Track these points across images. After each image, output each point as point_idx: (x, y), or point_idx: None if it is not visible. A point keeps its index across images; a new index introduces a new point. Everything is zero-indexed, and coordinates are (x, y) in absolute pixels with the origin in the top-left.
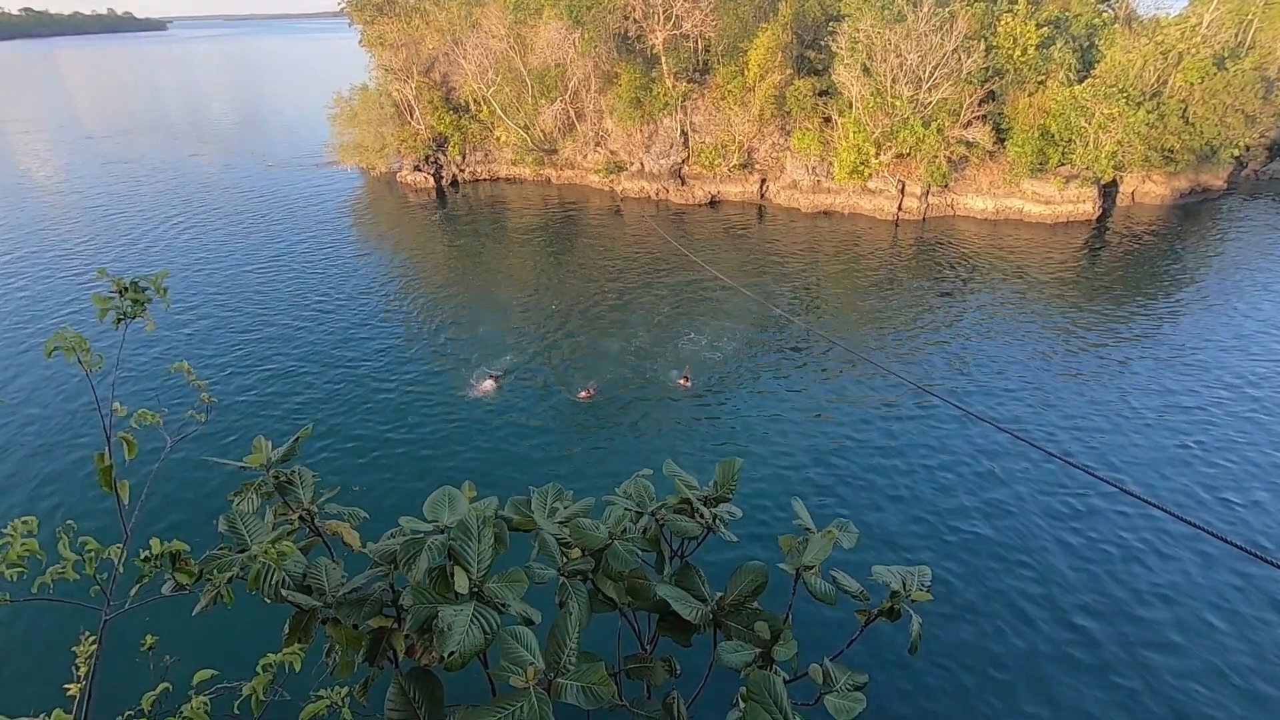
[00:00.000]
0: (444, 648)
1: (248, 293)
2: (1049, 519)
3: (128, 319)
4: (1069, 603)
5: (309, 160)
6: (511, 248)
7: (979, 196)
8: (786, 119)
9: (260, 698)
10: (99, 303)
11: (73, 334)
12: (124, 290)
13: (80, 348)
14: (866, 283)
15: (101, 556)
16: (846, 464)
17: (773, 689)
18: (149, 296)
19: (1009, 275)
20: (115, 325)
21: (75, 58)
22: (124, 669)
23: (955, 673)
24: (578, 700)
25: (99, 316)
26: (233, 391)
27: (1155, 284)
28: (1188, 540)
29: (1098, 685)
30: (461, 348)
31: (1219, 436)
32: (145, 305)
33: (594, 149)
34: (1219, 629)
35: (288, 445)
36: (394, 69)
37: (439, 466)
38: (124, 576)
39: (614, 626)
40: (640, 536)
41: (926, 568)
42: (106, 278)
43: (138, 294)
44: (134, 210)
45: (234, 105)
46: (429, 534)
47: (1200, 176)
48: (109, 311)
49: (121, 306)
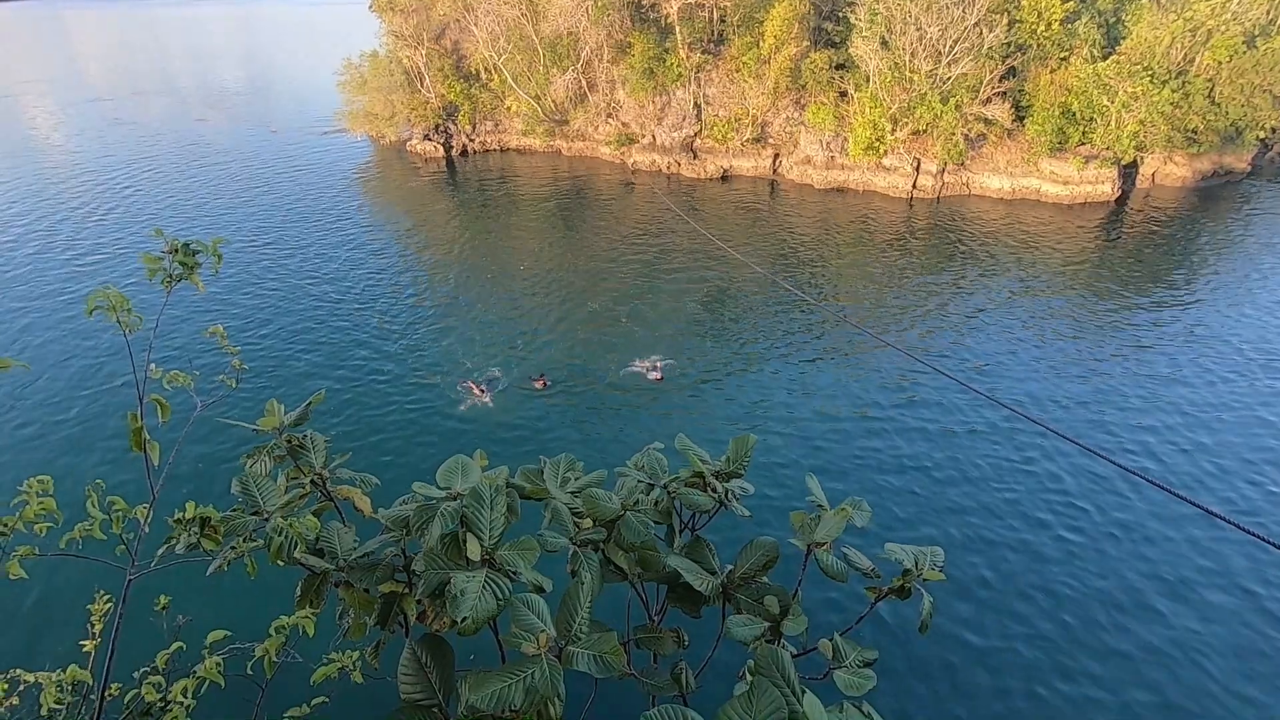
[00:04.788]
0: (456, 613)
1: (265, 262)
2: (1062, 504)
3: (174, 281)
4: (1087, 585)
5: (318, 127)
6: (520, 222)
7: (996, 175)
8: (801, 93)
9: (273, 659)
10: (149, 262)
11: (115, 293)
12: (176, 251)
13: (121, 307)
14: (881, 261)
15: (128, 516)
16: (861, 443)
17: (781, 663)
18: (198, 261)
19: (1025, 256)
20: (165, 286)
21: (83, 19)
22: (136, 628)
23: (969, 651)
24: (589, 668)
25: (148, 276)
26: (252, 358)
27: (1175, 268)
28: (1191, 521)
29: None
30: (463, 332)
31: (1237, 418)
32: (194, 269)
33: (605, 120)
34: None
35: (300, 410)
36: (404, 35)
37: (441, 438)
38: (148, 537)
39: (623, 597)
40: (652, 509)
41: (939, 548)
42: (162, 238)
43: (187, 256)
44: (139, 175)
45: (243, 70)
46: (442, 500)
47: (1223, 158)
48: (157, 273)
49: (170, 269)
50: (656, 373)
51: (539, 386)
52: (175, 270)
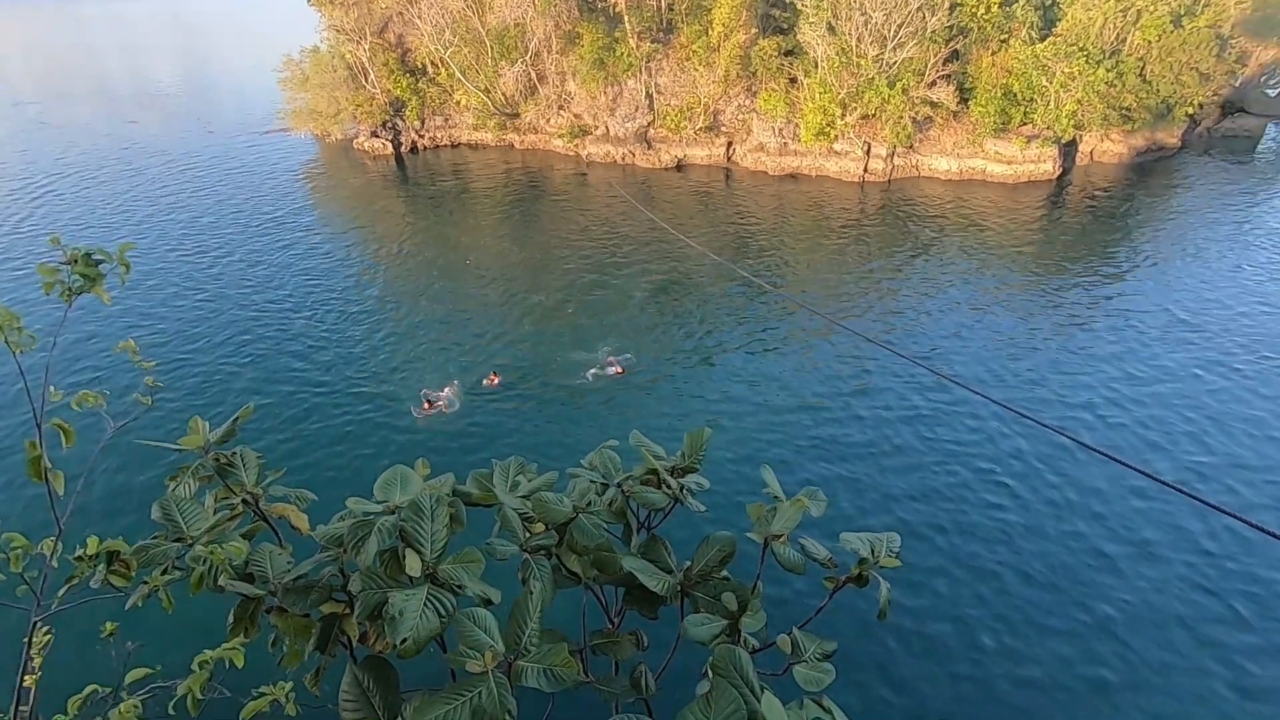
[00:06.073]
0: (395, 636)
1: (191, 270)
2: (1017, 478)
3: (75, 294)
4: (1032, 564)
5: (259, 127)
6: (472, 219)
7: (943, 157)
8: (752, 80)
9: (198, 696)
10: (44, 274)
11: (1, 309)
12: (74, 261)
13: (9, 325)
14: (834, 246)
15: (31, 553)
16: (818, 431)
17: (738, 663)
18: (101, 272)
19: (973, 236)
20: (65, 299)
21: (3, 17)
22: (84, 657)
23: (928, 635)
24: (539, 683)
25: (44, 290)
26: (178, 374)
27: (1115, 241)
28: (1146, 491)
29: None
30: (409, 336)
31: (1178, 386)
32: (97, 280)
33: (557, 113)
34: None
35: (226, 426)
36: (345, 29)
37: (394, 444)
38: (60, 572)
39: (581, 602)
40: (606, 509)
41: (895, 534)
42: (59, 247)
43: (89, 267)
44: (67, 181)
45: (177, 68)
46: (379, 515)
47: (1156, 135)
48: (54, 285)
49: (69, 281)
50: (616, 367)
51: (492, 384)
52: (75, 282)
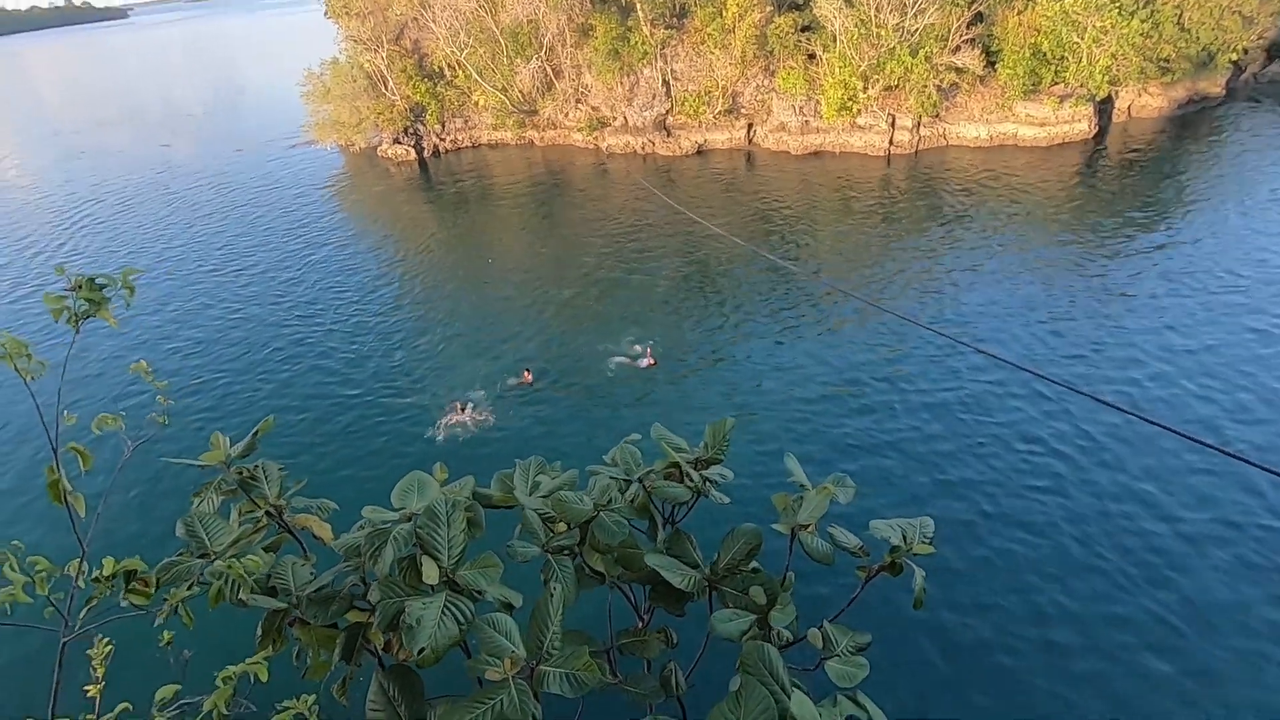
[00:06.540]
0: (413, 645)
1: (226, 287)
2: (1062, 457)
3: (82, 319)
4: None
5: (285, 141)
6: (496, 218)
7: (971, 124)
8: (770, 59)
9: (222, 711)
10: (50, 302)
11: (9, 338)
12: (79, 287)
13: (19, 353)
14: (861, 223)
15: (56, 575)
16: (851, 415)
17: (768, 660)
18: (105, 296)
19: (1006, 202)
20: (73, 325)
21: (37, 54)
22: (144, 666)
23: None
24: (561, 689)
25: (54, 317)
26: (215, 390)
27: (1154, 200)
28: (1172, 452)
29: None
30: (438, 342)
31: (1226, 354)
32: (102, 304)
33: (575, 106)
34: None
35: (247, 440)
36: (362, 39)
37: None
38: (86, 593)
39: (608, 601)
40: (629, 506)
41: (929, 519)
42: (64, 275)
43: (93, 292)
44: (104, 207)
45: (204, 90)
46: (395, 523)
47: (1198, 85)
48: (62, 312)
49: (75, 307)
50: (648, 358)
51: (525, 381)
52: (80, 308)
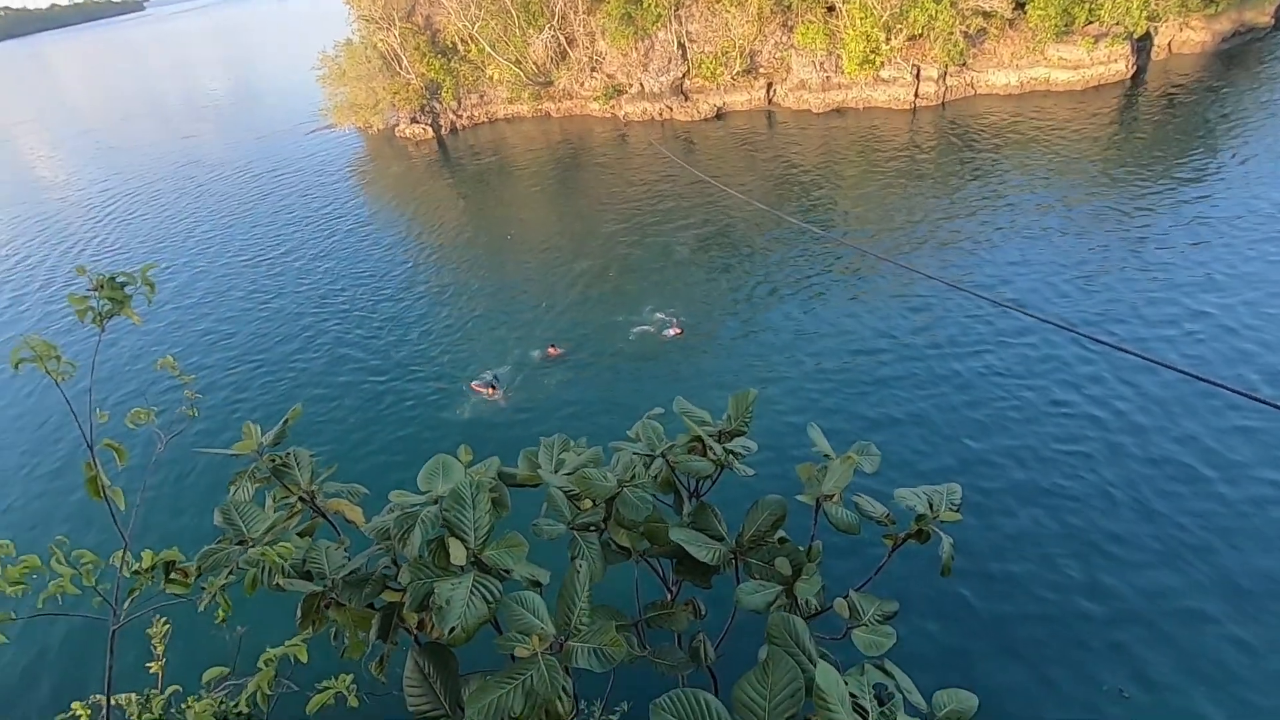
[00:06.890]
0: (443, 625)
1: (253, 274)
2: (1093, 418)
3: (106, 318)
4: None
5: (304, 126)
6: (515, 193)
7: (1001, 70)
8: (788, 14)
9: (265, 692)
10: (75, 303)
11: (38, 341)
12: (101, 287)
13: (48, 355)
14: (886, 180)
15: (101, 566)
16: (878, 378)
17: (793, 630)
18: (127, 294)
19: (1040, 152)
20: (97, 324)
21: (61, 51)
22: (202, 641)
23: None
24: (589, 663)
25: (79, 318)
26: (243, 379)
27: (1195, 142)
28: (1211, 406)
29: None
30: (463, 320)
31: (1272, 297)
32: (125, 302)
33: (590, 75)
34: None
35: (278, 428)
36: (374, 18)
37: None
38: (129, 583)
39: (634, 575)
40: (652, 481)
41: (956, 485)
42: (85, 275)
43: (114, 291)
44: (136, 201)
45: (224, 79)
46: (421, 506)
47: (1244, 15)
48: (86, 312)
49: (99, 306)
50: (674, 328)
51: (552, 355)
52: (104, 307)
